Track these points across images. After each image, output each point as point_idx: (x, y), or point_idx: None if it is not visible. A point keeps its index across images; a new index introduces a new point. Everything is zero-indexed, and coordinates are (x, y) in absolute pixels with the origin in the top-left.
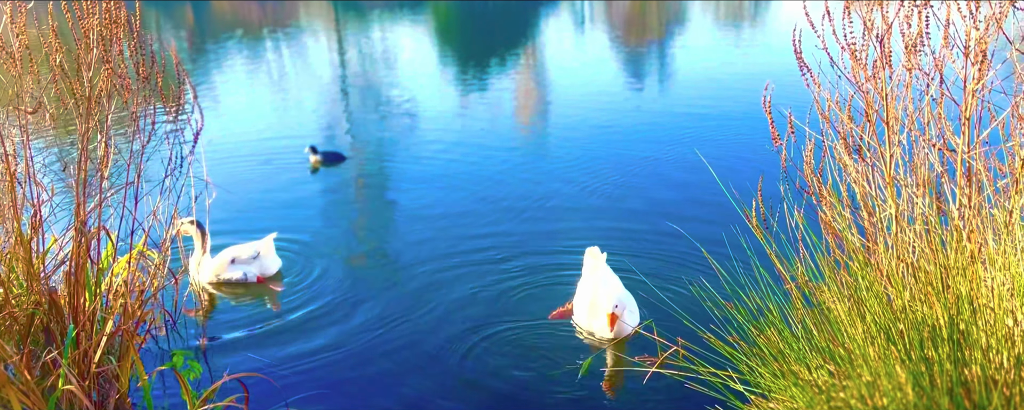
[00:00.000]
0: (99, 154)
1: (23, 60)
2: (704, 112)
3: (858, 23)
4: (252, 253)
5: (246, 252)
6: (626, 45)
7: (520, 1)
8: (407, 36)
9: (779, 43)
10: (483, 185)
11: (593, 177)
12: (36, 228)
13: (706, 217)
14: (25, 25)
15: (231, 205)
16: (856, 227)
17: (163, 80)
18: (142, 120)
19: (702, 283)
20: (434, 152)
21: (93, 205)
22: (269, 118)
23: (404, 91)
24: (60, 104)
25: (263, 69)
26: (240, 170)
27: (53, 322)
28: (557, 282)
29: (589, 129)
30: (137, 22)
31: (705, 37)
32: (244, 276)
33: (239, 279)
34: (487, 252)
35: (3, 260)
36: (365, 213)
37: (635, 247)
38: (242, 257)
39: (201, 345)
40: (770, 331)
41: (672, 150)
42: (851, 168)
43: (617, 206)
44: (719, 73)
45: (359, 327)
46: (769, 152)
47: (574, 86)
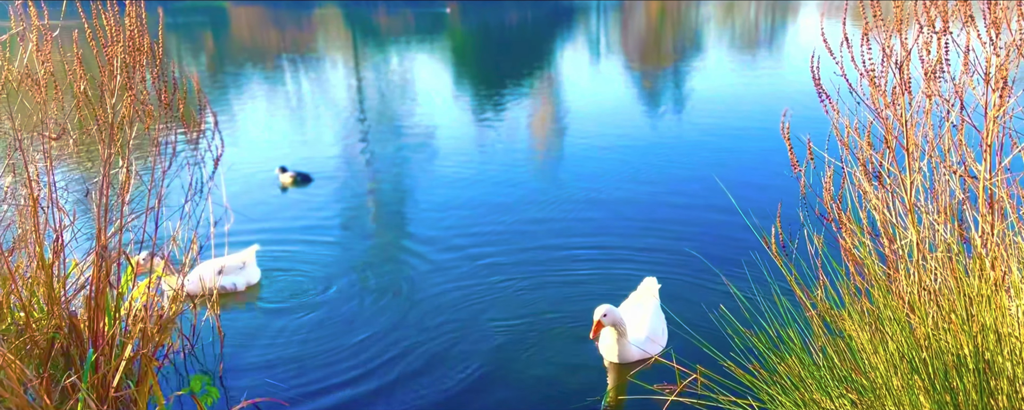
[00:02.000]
0: (121, 179)
1: (48, 87)
2: (721, 137)
3: (877, 49)
4: (239, 264)
5: (233, 261)
6: (642, 70)
7: (536, 24)
8: (423, 61)
9: (795, 68)
10: (498, 209)
11: (609, 202)
12: (57, 253)
13: (725, 243)
14: (50, 52)
15: (247, 228)
16: (877, 254)
17: (184, 106)
18: (163, 146)
19: (721, 310)
20: (449, 176)
21: (114, 230)
22: (286, 143)
23: (420, 116)
24: (83, 130)
25: (281, 94)
26: (257, 194)
27: (73, 346)
28: (574, 307)
29: (605, 154)
30: (160, 50)
31: (721, 61)
32: (233, 286)
33: (229, 287)
34: (506, 278)
35: (25, 284)
36: (381, 236)
37: (653, 272)
38: (230, 266)
39: (219, 370)
40: (791, 359)
41: (689, 175)
42: (871, 194)
43: (634, 231)
44: (735, 98)
45: (377, 351)
46: (788, 178)
47: (589, 111)
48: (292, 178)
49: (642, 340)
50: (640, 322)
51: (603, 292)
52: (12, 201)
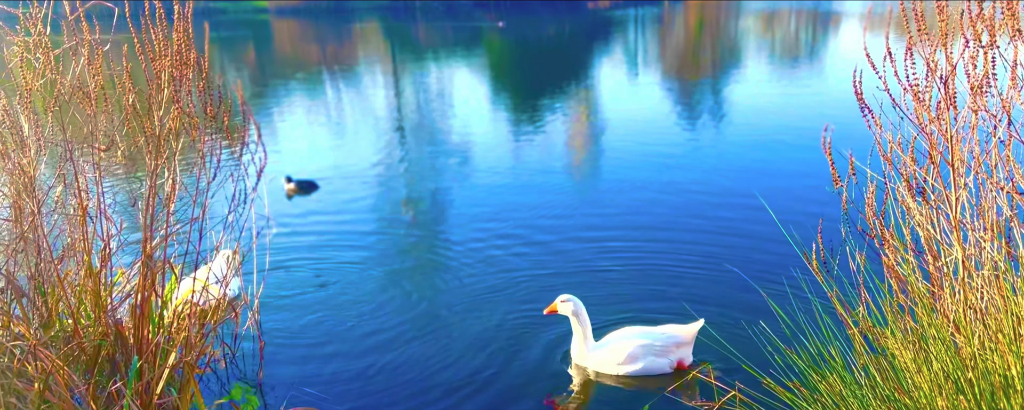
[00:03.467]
0: (166, 190)
1: (98, 100)
2: (761, 151)
3: (921, 64)
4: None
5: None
6: (680, 82)
7: (574, 37)
8: (461, 74)
9: (836, 81)
10: (536, 221)
11: (647, 215)
12: (105, 261)
13: (765, 258)
14: (101, 66)
15: (287, 239)
16: (920, 271)
17: (229, 119)
18: (208, 157)
19: (761, 326)
20: (486, 188)
21: (159, 240)
22: (324, 153)
23: (458, 128)
24: (131, 142)
25: (320, 105)
26: (298, 203)
27: (118, 353)
28: (611, 323)
29: (643, 167)
30: (206, 63)
31: (760, 74)
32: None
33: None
34: (544, 287)
35: (74, 292)
36: (420, 246)
37: (693, 288)
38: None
39: (258, 378)
40: (832, 377)
41: (729, 189)
42: (915, 211)
43: (672, 246)
44: (776, 111)
45: (416, 361)
46: (829, 194)
47: (627, 123)
48: (295, 187)
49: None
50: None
51: (640, 309)
52: (62, 210)
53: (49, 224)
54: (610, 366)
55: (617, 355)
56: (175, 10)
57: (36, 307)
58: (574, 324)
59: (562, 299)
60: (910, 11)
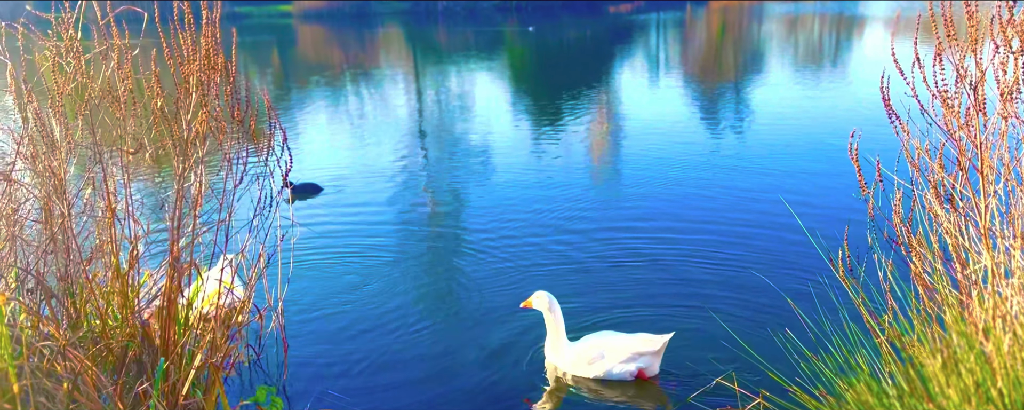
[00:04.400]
0: (193, 193)
1: (127, 103)
2: (786, 156)
3: (950, 69)
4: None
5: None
6: (702, 87)
7: (595, 41)
8: (483, 78)
9: (862, 86)
10: (556, 225)
11: (671, 222)
12: (132, 263)
13: (791, 265)
14: (130, 70)
15: (311, 241)
16: (949, 279)
17: (255, 123)
18: (234, 161)
19: (787, 333)
20: (507, 190)
21: (186, 242)
22: (347, 157)
23: (480, 132)
24: (159, 145)
25: (343, 110)
26: (321, 206)
27: (145, 354)
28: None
29: (666, 172)
30: (233, 68)
31: (784, 78)
32: None
33: None
34: (565, 293)
35: (101, 294)
36: (445, 250)
37: (718, 295)
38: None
39: (283, 379)
40: (859, 386)
41: (754, 195)
42: (943, 218)
43: (697, 252)
44: (800, 116)
45: (441, 363)
46: (856, 200)
47: (649, 128)
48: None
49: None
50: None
51: (661, 315)
52: (91, 213)
53: (78, 226)
54: (576, 366)
55: (582, 357)
56: (203, 15)
57: (65, 308)
58: (548, 321)
59: (537, 295)
60: (939, 16)
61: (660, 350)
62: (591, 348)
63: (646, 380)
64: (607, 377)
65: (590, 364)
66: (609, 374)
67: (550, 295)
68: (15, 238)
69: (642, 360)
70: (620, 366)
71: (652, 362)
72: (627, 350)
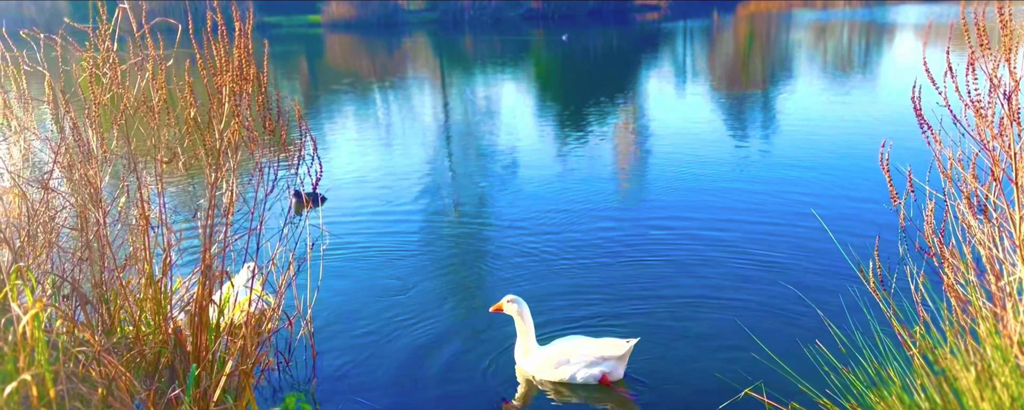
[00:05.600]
0: (225, 202)
1: (161, 113)
2: (815, 166)
3: (983, 79)
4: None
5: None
6: (730, 95)
7: (622, 49)
8: (509, 87)
9: (892, 95)
10: (583, 234)
11: (699, 231)
12: (165, 270)
13: (820, 276)
14: (165, 81)
15: (339, 250)
16: (982, 291)
17: (286, 133)
18: (265, 170)
19: (817, 345)
20: (533, 200)
21: (218, 250)
22: (375, 167)
23: (506, 140)
24: (192, 154)
25: (371, 118)
26: (348, 214)
27: (177, 361)
28: (663, 340)
29: (694, 181)
30: (265, 79)
31: (813, 87)
32: None
33: None
34: (588, 301)
35: (135, 300)
36: (470, 256)
37: (745, 305)
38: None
39: (311, 387)
40: (891, 398)
41: (783, 205)
42: (976, 229)
43: (725, 262)
44: (830, 125)
45: (469, 371)
46: (887, 211)
47: (677, 137)
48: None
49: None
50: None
51: (689, 326)
52: (125, 220)
53: (112, 233)
54: (541, 370)
55: (549, 361)
56: (236, 27)
57: (99, 314)
58: (518, 325)
59: (508, 299)
60: (971, 24)
61: (624, 355)
62: (557, 353)
63: (608, 384)
64: (572, 381)
65: (556, 368)
66: (573, 378)
67: (520, 299)
68: (52, 245)
69: (606, 364)
70: (584, 370)
71: (616, 367)
72: (591, 354)
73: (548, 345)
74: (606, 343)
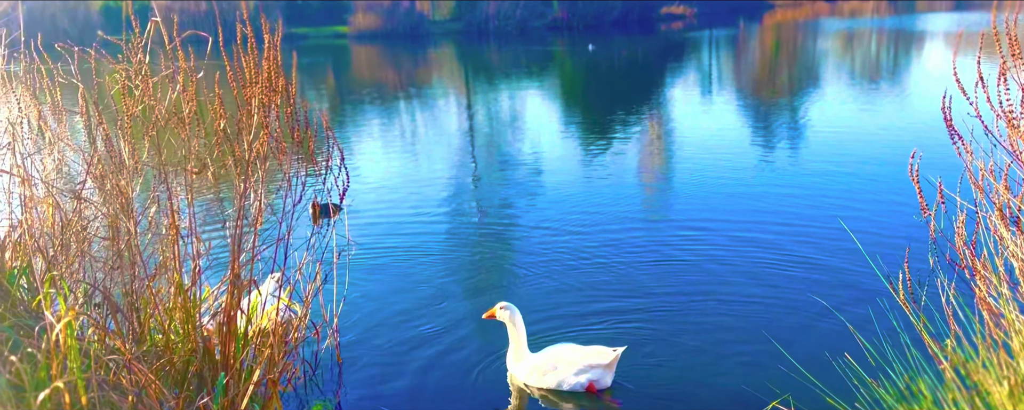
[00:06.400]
0: (253, 212)
1: (191, 125)
2: (844, 177)
3: (1015, 89)
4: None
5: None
6: (757, 105)
7: (647, 58)
8: (534, 96)
9: (922, 105)
10: (608, 245)
11: (725, 242)
12: (194, 279)
13: (849, 288)
14: (195, 93)
15: (367, 259)
16: (1015, 304)
17: (313, 143)
18: (293, 180)
19: (846, 358)
20: (561, 207)
21: (246, 260)
22: (400, 176)
23: (531, 149)
24: (221, 165)
25: (397, 128)
26: (376, 223)
27: (206, 369)
28: (688, 354)
29: (719, 193)
30: (293, 90)
31: (841, 97)
32: None
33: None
34: (611, 309)
35: (164, 309)
36: (495, 267)
37: (773, 317)
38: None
39: (337, 396)
40: None
41: (811, 216)
42: (1008, 241)
43: (752, 274)
44: (858, 136)
45: (498, 381)
46: (917, 222)
47: (702, 147)
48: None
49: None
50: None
51: (715, 339)
52: (155, 230)
53: (143, 243)
54: (530, 377)
55: (537, 368)
56: (265, 39)
57: (130, 322)
58: (511, 331)
59: (500, 306)
60: (1003, 33)
61: (611, 363)
62: (546, 360)
63: (594, 392)
64: (559, 388)
65: (544, 375)
66: (561, 385)
67: (512, 306)
68: (84, 254)
69: (593, 372)
70: (572, 378)
71: (604, 375)
72: (579, 362)
73: (538, 352)
74: (594, 351)
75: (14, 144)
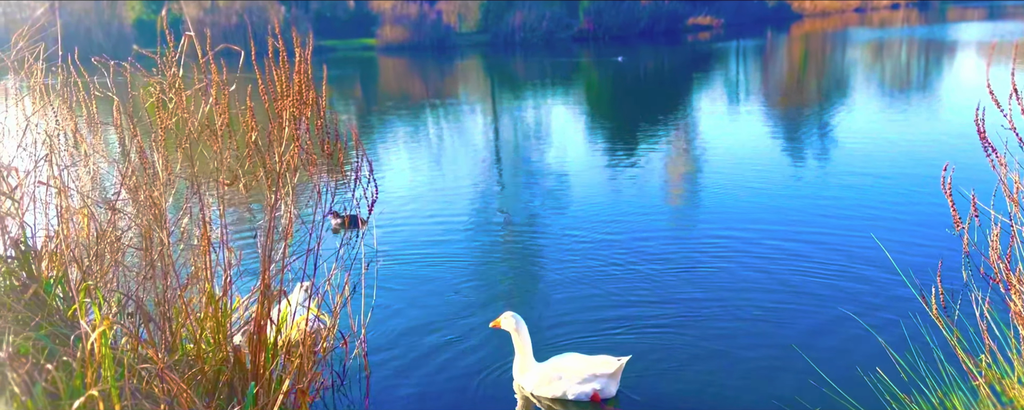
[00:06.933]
0: (283, 223)
1: (224, 137)
2: (874, 190)
3: None
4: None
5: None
6: (784, 115)
7: (673, 69)
8: (560, 108)
9: (954, 116)
10: (635, 255)
11: (754, 255)
12: (225, 290)
13: (880, 302)
14: (227, 106)
15: (396, 270)
16: None
17: (337, 154)
18: (323, 192)
19: (878, 373)
20: (587, 218)
21: (276, 270)
22: (427, 186)
23: (557, 159)
24: (252, 176)
25: (423, 139)
26: (403, 234)
27: (236, 378)
28: (716, 370)
29: (748, 205)
30: (324, 103)
31: (871, 108)
32: None
33: None
34: (643, 326)
35: (196, 319)
36: (522, 278)
37: (803, 331)
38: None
39: (365, 406)
40: None
41: (840, 228)
42: None
43: (781, 287)
44: (889, 147)
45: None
46: (949, 236)
47: (730, 158)
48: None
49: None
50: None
51: (745, 356)
52: (187, 241)
53: (175, 253)
54: (536, 387)
55: (543, 378)
56: (297, 53)
57: (162, 332)
58: (516, 341)
59: (506, 315)
60: None
61: (616, 372)
62: (551, 369)
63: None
64: (564, 397)
65: (549, 384)
66: (566, 395)
67: (517, 316)
68: (118, 264)
69: (598, 381)
70: (577, 387)
71: (608, 384)
72: (584, 371)
73: (544, 362)
74: (599, 360)
75: (51, 156)
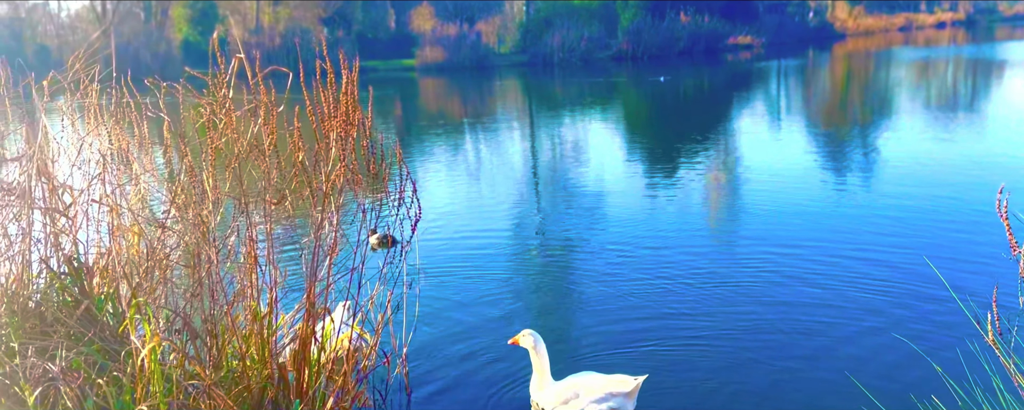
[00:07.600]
0: (328, 242)
1: (271, 157)
2: (925, 211)
3: None
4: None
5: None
6: (828, 134)
7: (713, 89)
8: (598, 127)
9: (1004, 135)
10: (674, 276)
11: (801, 276)
12: (271, 307)
13: (934, 327)
14: (275, 126)
15: (434, 291)
16: None
17: (382, 173)
18: (368, 211)
19: (934, 401)
20: (623, 238)
21: (321, 289)
22: (466, 205)
23: (594, 179)
24: (298, 195)
25: (462, 158)
26: (443, 252)
27: (280, 395)
28: (760, 394)
29: (793, 226)
30: (369, 124)
31: (917, 128)
32: None
33: None
34: (691, 357)
35: (241, 337)
36: (561, 297)
37: (855, 357)
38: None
39: None
40: None
41: (891, 253)
42: None
43: (830, 313)
44: (938, 168)
45: None
46: (1004, 260)
47: (773, 178)
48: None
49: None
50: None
51: (792, 383)
52: (234, 259)
53: (222, 271)
54: (553, 404)
55: (559, 396)
56: (344, 75)
57: (209, 349)
58: (533, 359)
59: (524, 333)
60: None
61: (633, 391)
62: (568, 388)
63: None
64: None
65: (565, 403)
66: None
67: (535, 333)
68: (166, 281)
69: (615, 400)
70: (593, 406)
71: (624, 403)
72: (601, 390)
73: (561, 380)
74: (615, 379)
75: (104, 174)
